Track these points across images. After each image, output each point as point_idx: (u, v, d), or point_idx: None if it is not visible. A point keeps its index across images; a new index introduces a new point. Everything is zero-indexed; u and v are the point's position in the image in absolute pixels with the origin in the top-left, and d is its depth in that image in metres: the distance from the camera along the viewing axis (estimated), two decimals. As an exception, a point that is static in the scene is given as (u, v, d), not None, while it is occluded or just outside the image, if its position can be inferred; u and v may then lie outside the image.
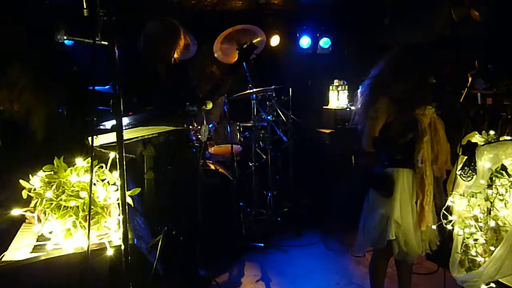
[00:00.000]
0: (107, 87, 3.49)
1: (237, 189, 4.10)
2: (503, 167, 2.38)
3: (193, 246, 3.31)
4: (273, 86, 4.81)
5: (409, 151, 2.56)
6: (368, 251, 3.10)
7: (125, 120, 2.13)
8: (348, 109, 5.05)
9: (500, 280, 2.35)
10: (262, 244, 4.19)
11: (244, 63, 3.63)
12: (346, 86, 5.58)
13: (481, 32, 3.93)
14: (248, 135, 4.77)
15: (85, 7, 2.03)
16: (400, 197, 2.54)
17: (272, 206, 4.73)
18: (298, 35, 5.89)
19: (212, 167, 4.22)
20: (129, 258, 1.53)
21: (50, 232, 1.74)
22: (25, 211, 1.87)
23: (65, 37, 4.54)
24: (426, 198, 2.57)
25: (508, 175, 2.36)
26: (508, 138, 2.53)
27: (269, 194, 4.74)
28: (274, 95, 4.87)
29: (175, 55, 3.27)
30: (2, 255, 1.63)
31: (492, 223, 2.37)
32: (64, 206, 1.74)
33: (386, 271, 2.79)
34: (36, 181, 1.83)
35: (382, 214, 2.55)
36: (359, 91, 2.75)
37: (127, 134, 2.17)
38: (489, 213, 2.40)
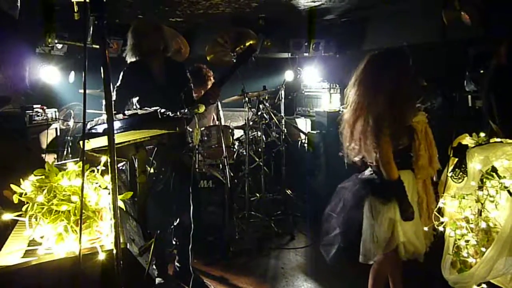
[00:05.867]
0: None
1: (230, 192, 4.10)
2: (494, 169, 2.40)
3: (185, 250, 3.30)
4: (266, 89, 4.83)
5: (406, 154, 2.58)
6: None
7: (117, 124, 2.12)
8: (340, 111, 5.07)
9: (491, 281, 2.37)
10: (255, 248, 4.19)
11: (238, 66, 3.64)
12: (339, 89, 5.62)
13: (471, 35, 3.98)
14: (241, 138, 4.78)
15: (76, 11, 2.03)
16: None
17: (265, 209, 4.73)
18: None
19: (205, 170, 4.22)
20: (121, 262, 1.52)
21: (42, 237, 1.73)
22: (16, 216, 1.86)
23: (56, 41, 4.53)
24: (430, 199, 2.67)
25: (499, 176, 2.37)
26: (498, 140, 2.55)
27: (262, 197, 4.74)
28: (267, 98, 4.88)
29: (167, 52, 3.28)
30: (-8, 260, 1.62)
31: (483, 225, 2.38)
32: (56, 211, 1.73)
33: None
34: (27, 185, 1.82)
35: (390, 218, 2.54)
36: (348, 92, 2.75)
37: (119, 138, 2.16)
38: (480, 215, 2.41)
